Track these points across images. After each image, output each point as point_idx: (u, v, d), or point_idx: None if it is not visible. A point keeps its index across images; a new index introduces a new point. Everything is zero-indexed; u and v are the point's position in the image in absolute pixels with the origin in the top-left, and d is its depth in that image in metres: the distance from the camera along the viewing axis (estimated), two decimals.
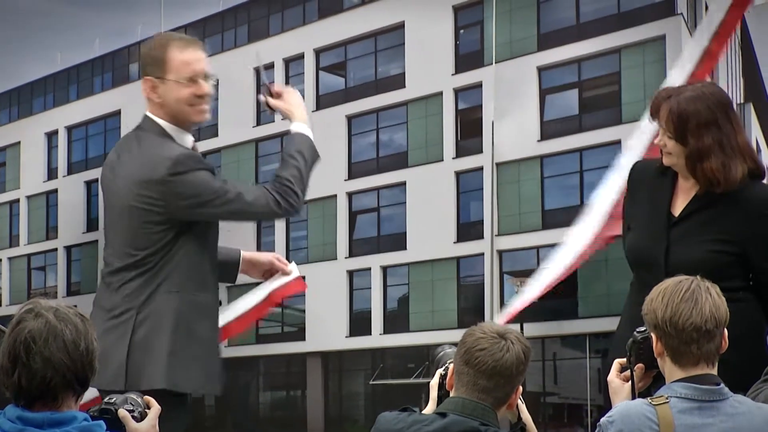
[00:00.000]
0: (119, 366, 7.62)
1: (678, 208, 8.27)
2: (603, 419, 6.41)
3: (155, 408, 6.25)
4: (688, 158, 7.91)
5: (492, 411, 6.60)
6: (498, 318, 7.80)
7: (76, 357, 5.70)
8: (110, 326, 7.66)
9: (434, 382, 6.81)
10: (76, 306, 8.36)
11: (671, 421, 6.05)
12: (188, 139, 8.00)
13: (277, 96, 7.77)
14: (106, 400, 6.38)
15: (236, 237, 8.49)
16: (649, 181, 8.53)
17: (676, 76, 8.72)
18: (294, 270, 7.84)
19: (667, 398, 6.20)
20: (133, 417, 6.23)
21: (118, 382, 7.25)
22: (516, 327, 9.81)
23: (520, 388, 6.89)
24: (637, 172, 8.63)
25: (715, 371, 6.39)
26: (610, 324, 8.11)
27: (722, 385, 6.39)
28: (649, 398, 6.34)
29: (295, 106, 7.66)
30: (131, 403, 6.25)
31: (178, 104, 7.72)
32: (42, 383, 5.67)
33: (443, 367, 6.95)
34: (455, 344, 6.85)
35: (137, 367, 7.56)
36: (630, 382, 6.73)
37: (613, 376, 6.53)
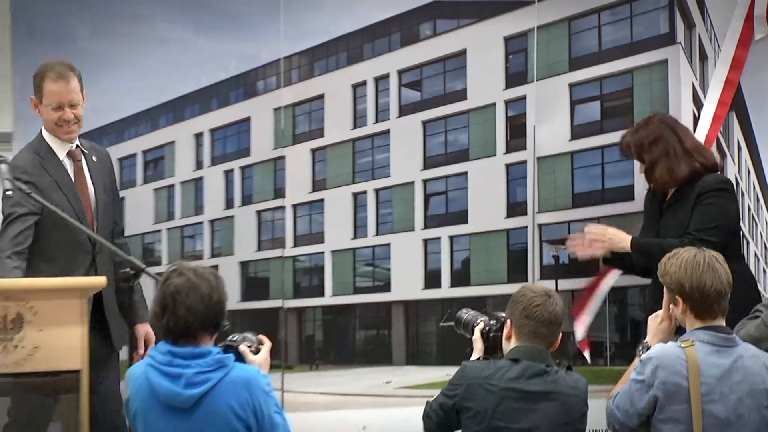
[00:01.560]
0: None
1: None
2: (644, 356, 6.33)
3: (267, 344, 6.23)
4: (646, 172, 7.92)
5: (547, 352, 6.56)
6: (537, 280, 7.82)
7: (210, 306, 5.70)
8: None
9: (477, 336, 6.74)
10: (216, 266, 8.36)
11: (697, 360, 6.02)
12: (65, 149, 7.73)
13: None
14: (228, 339, 6.48)
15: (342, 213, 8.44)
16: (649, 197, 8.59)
17: (709, 103, 8.78)
18: None
19: (692, 342, 6.16)
20: (251, 349, 6.25)
21: None
22: (552, 283, 9.79)
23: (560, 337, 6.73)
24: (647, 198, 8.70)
25: (724, 322, 6.39)
26: (623, 281, 8.00)
27: (734, 334, 6.33)
28: (678, 341, 6.29)
29: None
30: (249, 341, 6.29)
31: (49, 125, 7.65)
32: (184, 326, 5.69)
33: (480, 323, 6.92)
34: (472, 309, 6.83)
35: None
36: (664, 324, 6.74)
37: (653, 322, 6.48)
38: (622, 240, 7.86)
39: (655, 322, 6.57)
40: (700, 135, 8.95)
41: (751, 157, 9.17)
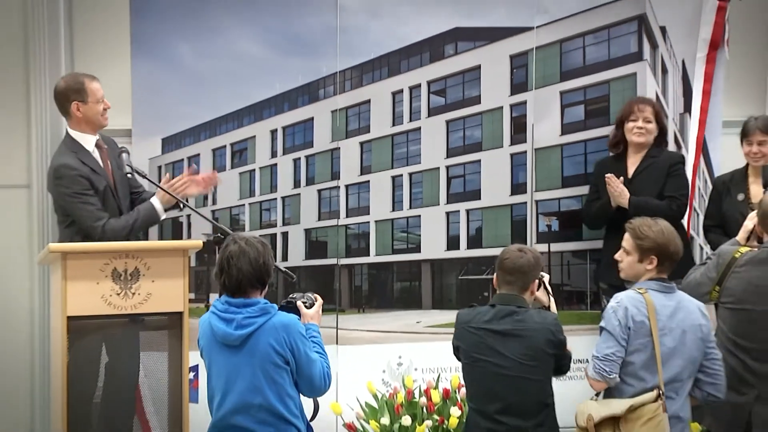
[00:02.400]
0: None
1: (630, 173, 8.28)
2: (613, 303, 6.38)
3: (320, 301, 6.41)
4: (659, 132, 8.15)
5: (519, 297, 6.55)
6: (534, 243, 7.80)
7: (257, 268, 5.98)
8: None
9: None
10: (287, 232, 8.39)
11: (653, 303, 6.06)
12: (92, 142, 7.67)
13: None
14: (290, 296, 6.59)
15: (383, 191, 8.51)
16: (607, 164, 8.52)
17: (695, 111, 9.03)
18: None
19: (646, 290, 6.21)
20: (306, 305, 6.37)
21: None
22: (545, 246, 9.73)
23: (536, 282, 6.73)
24: (601, 161, 8.65)
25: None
26: (600, 244, 8.07)
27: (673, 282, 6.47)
28: (636, 288, 6.34)
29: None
30: (306, 298, 6.40)
31: (96, 116, 7.60)
32: (236, 282, 5.99)
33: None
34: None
35: None
36: None
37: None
38: (625, 197, 8.22)
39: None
40: (692, 136, 9.14)
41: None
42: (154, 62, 8.21)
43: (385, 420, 7.53)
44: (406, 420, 7.41)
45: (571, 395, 7.62)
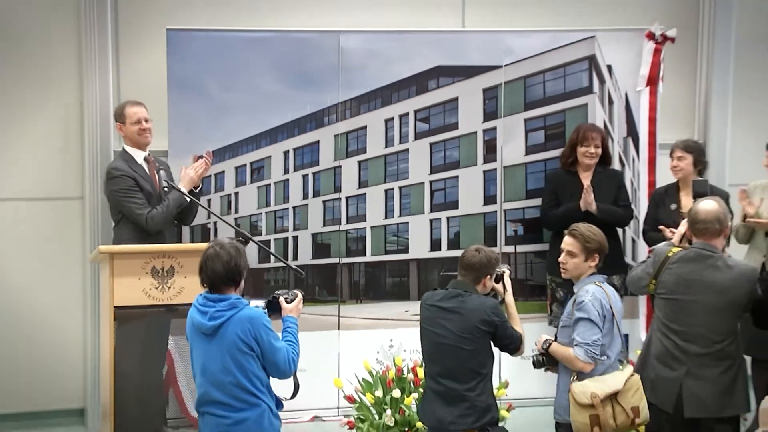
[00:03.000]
0: None
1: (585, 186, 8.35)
2: (587, 297, 6.39)
3: (299, 297, 6.37)
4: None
5: (470, 284, 6.54)
6: (502, 246, 7.80)
7: (228, 269, 5.94)
8: None
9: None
10: (297, 236, 8.39)
11: (608, 291, 6.15)
12: (141, 156, 7.90)
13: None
14: (275, 292, 6.49)
15: (377, 202, 8.58)
16: (562, 177, 8.58)
17: (643, 129, 9.06)
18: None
19: (601, 283, 6.30)
20: (286, 300, 6.34)
21: None
22: (513, 248, 9.60)
23: (488, 276, 6.70)
24: (555, 174, 8.70)
25: None
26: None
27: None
28: (596, 282, 6.42)
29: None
30: (289, 294, 6.34)
31: (132, 136, 7.73)
32: (211, 281, 5.97)
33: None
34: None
35: None
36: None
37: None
38: (594, 205, 8.37)
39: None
40: (643, 156, 9.26)
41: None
42: (187, 95, 8.26)
43: (379, 393, 7.56)
44: (396, 393, 7.42)
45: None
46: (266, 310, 6.23)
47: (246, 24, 8.61)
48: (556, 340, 6.60)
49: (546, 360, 6.61)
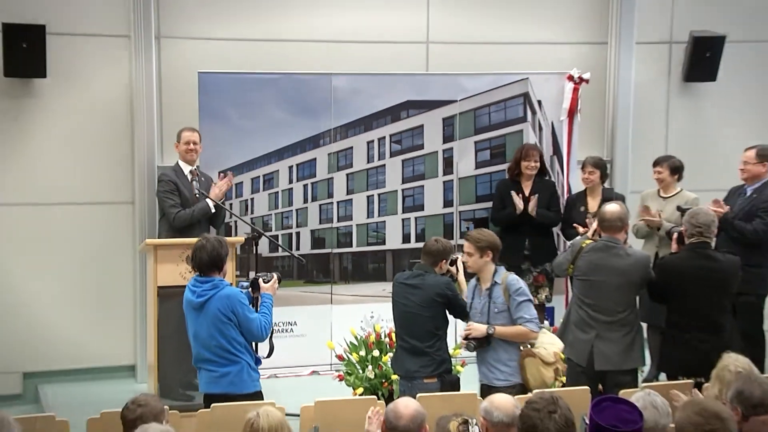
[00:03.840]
0: None
1: (527, 192, 8.41)
2: (519, 284, 6.52)
3: (275, 277, 6.38)
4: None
5: (430, 267, 6.57)
6: (458, 239, 7.80)
7: (212, 257, 6.00)
8: None
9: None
10: (299, 233, 8.38)
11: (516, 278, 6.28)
12: (188, 169, 7.97)
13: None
14: (257, 274, 6.50)
15: (361, 206, 8.61)
16: (508, 185, 8.64)
17: (565, 151, 9.11)
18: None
19: (509, 273, 6.47)
20: (263, 281, 6.31)
21: None
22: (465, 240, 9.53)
23: (444, 261, 6.73)
24: (502, 183, 8.73)
25: None
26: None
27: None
28: (501, 274, 6.54)
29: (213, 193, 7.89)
30: (267, 276, 6.35)
31: (183, 154, 7.90)
32: (198, 267, 6.06)
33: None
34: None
35: None
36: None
37: None
38: (534, 210, 8.44)
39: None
40: (566, 170, 9.20)
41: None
42: (214, 122, 8.31)
43: (362, 353, 7.55)
44: (376, 353, 7.43)
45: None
46: (249, 288, 6.27)
47: (260, 68, 8.61)
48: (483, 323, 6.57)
49: (478, 344, 6.59)
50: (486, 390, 6.39)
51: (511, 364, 6.48)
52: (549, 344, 6.54)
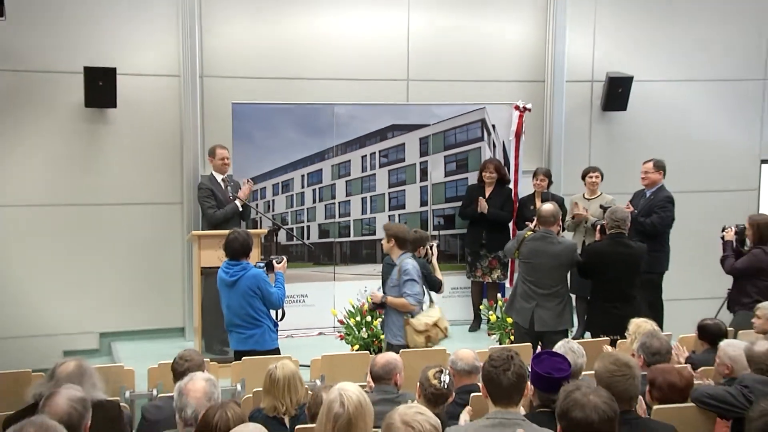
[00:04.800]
0: None
1: (487, 195, 8.38)
2: (409, 267, 6.36)
3: (285, 259, 6.37)
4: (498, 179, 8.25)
5: (410, 252, 6.53)
6: (431, 228, 7.91)
7: (243, 245, 6.03)
8: None
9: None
10: (309, 226, 8.29)
11: (418, 263, 6.16)
12: (220, 178, 7.89)
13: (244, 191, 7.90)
14: (270, 256, 6.53)
15: (357, 205, 8.62)
16: (475, 189, 8.59)
17: (512, 165, 8.95)
18: None
19: (408, 257, 6.47)
20: (277, 262, 6.29)
21: None
22: (437, 232, 9.47)
23: (422, 248, 6.81)
24: (471, 187, 8.69)
25: None
26: (463, 231, 8.12)
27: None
28: (411, 257, 6.48)
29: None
30: (278, 258, 6.36)
31: (217, 166, 7.85)
32: (231, 254, 6.06)
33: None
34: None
35: None
36: None
37: None
38: (485, 209, 8.35)
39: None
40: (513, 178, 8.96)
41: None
42: (244, 142, 8.23)
43: (358, 318, 7.55)
44: (368, 318, 7.45)
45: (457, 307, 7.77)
46: (265, 268, 6.23)
47: (279, 99, 8.54)
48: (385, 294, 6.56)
49: (375, 307, 6.66)
50: (388, 347, 6.42)
51: (398, 328, 6.41)
52: (425, 316, 6.45)
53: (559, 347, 4.60)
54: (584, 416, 3.01)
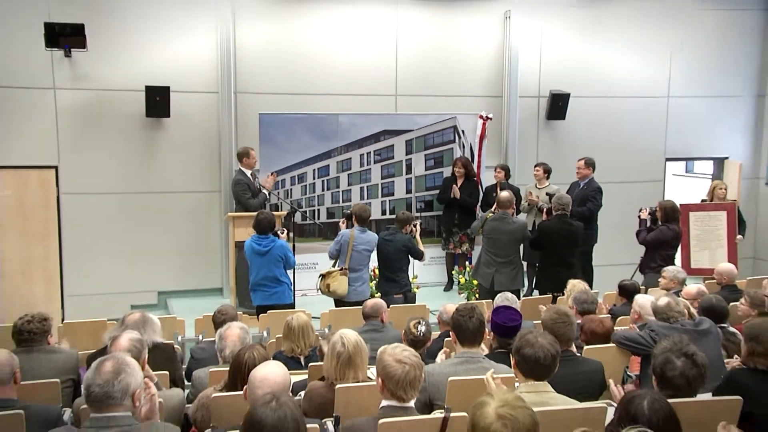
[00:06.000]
0: None
1: (459, 185, 8.32)
2: (340, 234, 6.52)
3: (286, 231, 6.40)
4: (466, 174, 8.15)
5: (399, 229, 6.57)
6: (414, 211, 7.90)
7: (270, 222, 5.99)
8: None
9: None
10: (320, 209, 8.21)
11: (354, 233, 6.11)
12: (249, 173, 7.69)
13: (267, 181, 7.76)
14: (276, 229, 6.31)
15: (357, 193, 8.57)
16: (450, 180, 8.53)
17: (476, 162, 8.78)
18: None
19: (353, 230, 6.56)
20: (280, 233, 6.29)
21: None
22: (419, 213, 9.45)
23: (409, 225, 6.68)
24: (447, 179, 8.65)
25: None
26: (440, 213, 8.11)
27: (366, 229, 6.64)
28: (353, 230, 6.51)
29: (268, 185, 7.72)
30: (280, 229, 6.36)
31: (248, 165, 7.62)
32: (260, 229, 6.02)
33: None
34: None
35: None
36: None
37: None
38: (458, 195, 8.14)
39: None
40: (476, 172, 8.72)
41: None
42: (269, 144, 8.15)
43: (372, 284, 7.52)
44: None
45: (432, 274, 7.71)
46: None
47: (296, 110, 8.46)
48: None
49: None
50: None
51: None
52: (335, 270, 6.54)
53: (498, 298, 4.87)
54: (533, 353, 3.04)
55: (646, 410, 2.33)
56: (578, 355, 4.01)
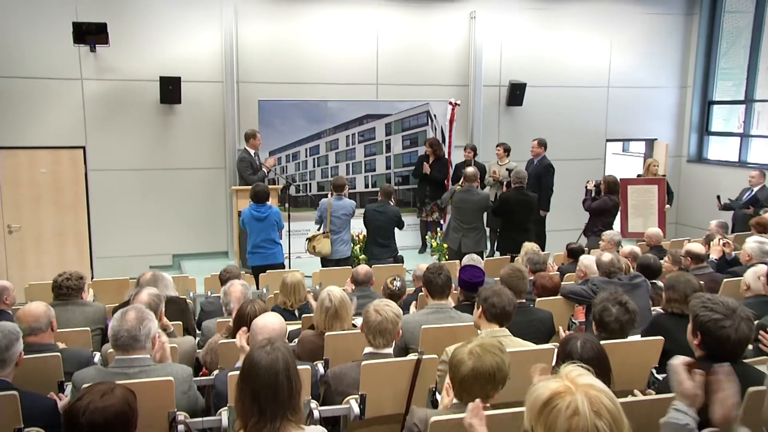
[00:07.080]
0: None
1: (430, 162, 8.26)
2: (321, 202, 6.47)
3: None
4: (436, 154, 8.05)
5: (386, 200, 6.47)
6: (393, 185, 7.91)
7: (267, 193, 5.86)
8: None
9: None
10: (323, 194, 8.07)
11: (331, 201, 6.06)
12: (254, 152, 7.53)
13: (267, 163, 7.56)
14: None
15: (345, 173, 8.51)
16: (424, 158, 8.48)
17: (447, 143, 8.66)
18: None
19: (331, 197, 6.58)
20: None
21: None
22: (399, 187, 9.47)
23: (391, 196, 6.65)
24: (421, 156, 8.59)
25: None
26: (415, 186, 8.13)
27: (342, 196, 6.56)
28: (330, 198, 6.53)
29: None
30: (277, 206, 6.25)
31: (252, 146, 7.45)
32: (258, 199, 5.83)
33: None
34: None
35: None
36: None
37: None
38: (428, 171, 7.82)
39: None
40: (447, 152, 8.61)
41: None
42: (267, 127, 8.06)
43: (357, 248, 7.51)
44: (357, 247, 7.40)
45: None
46: None
47: (291, 97, 8.35)
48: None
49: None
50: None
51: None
52: (319, 233, 6.52)
53: (465, 259, 4.92)
54: (499, 300, 3.09)
55: (579, 348, 2.40)
56: (531, 305, 4.04)
